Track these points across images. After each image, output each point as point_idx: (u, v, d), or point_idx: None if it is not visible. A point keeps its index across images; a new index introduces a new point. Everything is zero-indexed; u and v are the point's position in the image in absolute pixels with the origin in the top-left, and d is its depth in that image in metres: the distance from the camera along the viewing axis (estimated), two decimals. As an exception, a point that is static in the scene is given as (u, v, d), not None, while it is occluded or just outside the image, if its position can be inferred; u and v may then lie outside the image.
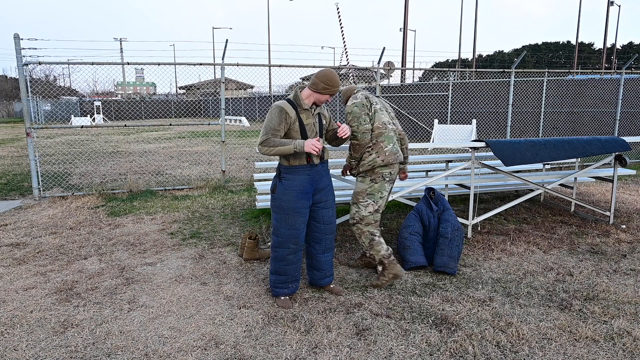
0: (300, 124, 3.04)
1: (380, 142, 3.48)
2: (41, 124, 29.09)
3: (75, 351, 2.70)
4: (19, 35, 6.35)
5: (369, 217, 3.52)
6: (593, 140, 4.68)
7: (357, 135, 3.44)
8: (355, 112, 3.45)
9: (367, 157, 3.49)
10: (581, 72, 10.07)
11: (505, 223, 5.34)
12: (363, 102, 3.48)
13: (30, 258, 4.24)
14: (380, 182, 3.50)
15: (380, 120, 3.52)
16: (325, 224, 3.27)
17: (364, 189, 3.53)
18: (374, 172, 3.50)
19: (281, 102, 3.05)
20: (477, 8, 29.98)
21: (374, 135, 3.50)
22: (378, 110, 3.55)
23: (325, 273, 3.40)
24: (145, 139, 17.78)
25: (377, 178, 3.50)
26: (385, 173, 3.50)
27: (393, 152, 3.50)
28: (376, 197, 3.51)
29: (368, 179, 3.52)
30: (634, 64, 33.26)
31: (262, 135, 3.01)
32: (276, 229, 3.16)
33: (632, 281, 3.67)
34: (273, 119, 2.99)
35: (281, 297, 3.26)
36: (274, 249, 3.21)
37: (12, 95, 41.76)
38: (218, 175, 8.73)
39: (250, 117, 33.15)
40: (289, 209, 3.08)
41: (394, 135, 3.56)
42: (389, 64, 15.26)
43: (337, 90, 3.09)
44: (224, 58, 7.49)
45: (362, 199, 3.53)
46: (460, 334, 2.87)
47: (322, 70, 3.07)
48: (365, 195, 3.52)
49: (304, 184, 3.09)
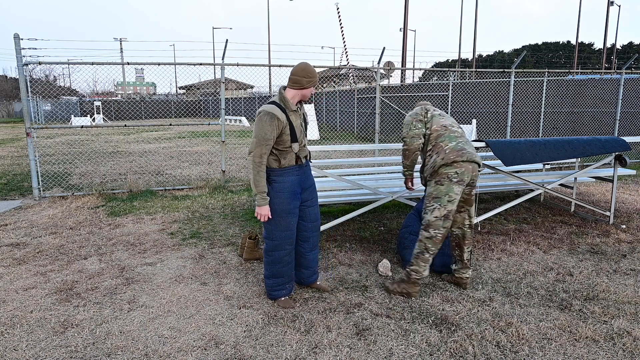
0: (291, 126, 3.01)
1: (440, 143, 3.35)
2: (41, 124, 29.09)
3: (75, 351, 2.70)
4: (19, 35, 6.35)
5: (436, 222, 3.26)
6: (593, 140, 4.68)
7: (406, 141, 3.43)
8: (407, 120, 3.47)
9: (428, 161, 3.38)
10: (581, 72, 10.07)
11: (505, 223, 5.34)
12: (417, 111, 3.48)
13: (30, 258, 4.24)
14: (446, 183, 3.24)
15: (439, 123, 3.42)
16: (312, 222, 3.31)
17: (430, 193, 3.33)
18: (438, 173, 3.29)
19: (269, 107, 2.95)
20: (477, 8, 29.98)
21: (432, 138, 3.39)
22: (436, 116, 3.47)
23: (313, 270, 3.46)
24: (145, 139, 17.78)
25: (442, 179, 3.26)
26: (451, 173, 3.23)
27: (455, 150, 3.28)
28: (443, 201, 3.24)
29: (433, 181, 3.32)
30: (634, 64, 33.27)
31: (256, 147, 2.92)
32: (270, 233, 3.14)
33: (632, 281, 3.67)
34: (265, 128, 2.90)
35: (281, 298, 3.27)
36: (269, 252, 3.18)
37: (12, 95, 41.75)
38: (218, 175, 8.73)
39: (250, 117, 33.15)
40: (282, 211, 3.07)
41: (458, 137, 3.39)
42: (389, 64, 15.27)
43: (317, 79, 3.07)
44: (224, 58, 7.49)
45: (429, 203, 3.33)
46: (460, 334, 2.87)
47: (298, 66, 3.02)
48: (432, 199, 3.30)
49: (294, 185, 3.09)
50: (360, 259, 4.17)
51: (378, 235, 4.89)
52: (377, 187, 4.92)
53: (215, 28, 48.00)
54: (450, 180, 3.24)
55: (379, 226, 5.23)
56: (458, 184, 3.24)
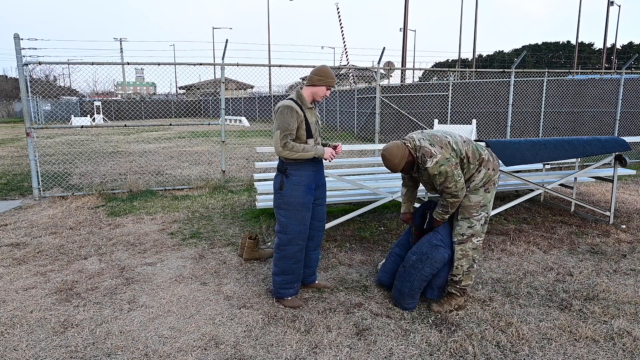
0: (307, 123, 3.08)
1: (482, 156, 3.14)
2: (41, 124, 29.08)
3: (75, 351, 2.70)
4: (19, 35, 6.35)
5: (481, 230, 3.16)
6: (593, 140, 4.68)
7: (457, 195, 3.02)
8: (444, 170, 2.97)
9: (476, 176, 3.11)
10: (581, 72, 10.07)
11: (505, 223, 5.34)
12: (447, 157, 2.99)
13: (30, 258, 4.24)
14: (492, 190, 3.16)
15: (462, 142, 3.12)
16: (320, 220, 3.33)
17: (477, 202, 3.12)
18: (486, 183, 3.15)
19: (287, 101, 3.03)
20: (477, 8, 29.98)
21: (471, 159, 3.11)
22: (459, 142, 3.10)
23: (314, 270, 3.49)
24: (145, 139, 17.78)
25: (490, 187, 3.15)
26: (495, 179, 3.18)
27: (494, 157, 3.22)
28: (489, 208, 3.17)
29: (482, 189, 3.13)
30: (634, 64, 33.27)
31: (281, 138, 2.97)
32: (285, 226, 3.14)
33: (632, 281, 3.67)
34: (287, 120, 2.98)
35: (288, 297, 3.27)
36: (282, 247, 3.17)
37: (12, 95, 41.75)
38: (218, 175, 8.72)
39: (250, 117, 33.15)
40: (299, 204, 3.09)
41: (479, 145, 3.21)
42: (389, 64, 15.26)
43: (333, 82, 3.09)
44: (224, 58, 7.49)
45: (476, 212, 3.12)
46: (460, 334, 2.87)
47: (317, 67, 3.14)
48: (479, 208, 3.12)
49: (310, 180, 3.12)
50: (360, 259, 4.17)
51: (378, 235, 4.89)
52: (377, 187, 4.92)
53: (215, 28, 48.03)
54: (494, 185, 3.18)
55: (379, 226, 5.23)
56: (495, 186, 3.22)
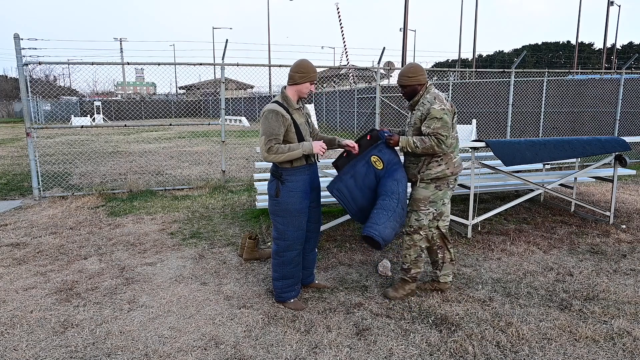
0: (295, 125, 3.01)
1: (450, 153, 3.25)
2: (41, 124, 29.05)
3: (75, 351, 2.70)
4: (19, 35, 6.34)
5: (428, 225, 3.31)
6: (593, 140, 4.68)
7: (442, 142, 3.09)
8: (446, 121, 3.10)
9: (434, 166, 3.23)
10: (581, 72, 10.07)
11: (505, 223, 5.34)
12: (448, 108, 3.15)
13: (30, 258, 4.24)
14: (444, 189, 3.29)
15: (454, 129, 3.29)
16: (315, 222, 3.33)
17: (426, 196, 3.27)
18: (440, 179, 3.28)
19: (273, 105, 2.96)
20: (477, 8, 29.98)
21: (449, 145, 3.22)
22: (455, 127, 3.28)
23: (311, 271, 3.49)
24: (145, 139, 17.78)
25: (442, 185, 3.28)
26: (451, 180, 3.30)
27: (460, 163, 3.33)
28: (438, 205, 3.29)
29: (433, 185, 3.27)
30: (634, 64, 33.25)
31: (266, 143, 2.92)
32: (282, 233, 3.12)
33: (632, 281, 3.67)
34: (272, 125, 2.91)
35: (290, 300, 3.26)
36: (280, 253, 3.16)
37: (12, 95, 41.72)
38: (218, 175, 8.72)
39: (250, 117, 33.14)
40: (296, 210, 3.07)
41: (459, 145, 3.37)
42: (389, 64, 15.25)
43: (315, 77, 3.03)
44: (224, 58, 7.49)
45: (424, 207, 3.28)
46: (460, 334, 2.87)
47: (294, 63, 3.05)
48: (427, 203, 3.28)
49: (306, 184, 3.10)
50: (360, 259, 4.17)
51: (378, 235, 4.89)
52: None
53: (216, 28, 48.07)
54: (448, 186, 3.31)
55: (379, 226, 5.22)
56: (452, 190, 3.36)
